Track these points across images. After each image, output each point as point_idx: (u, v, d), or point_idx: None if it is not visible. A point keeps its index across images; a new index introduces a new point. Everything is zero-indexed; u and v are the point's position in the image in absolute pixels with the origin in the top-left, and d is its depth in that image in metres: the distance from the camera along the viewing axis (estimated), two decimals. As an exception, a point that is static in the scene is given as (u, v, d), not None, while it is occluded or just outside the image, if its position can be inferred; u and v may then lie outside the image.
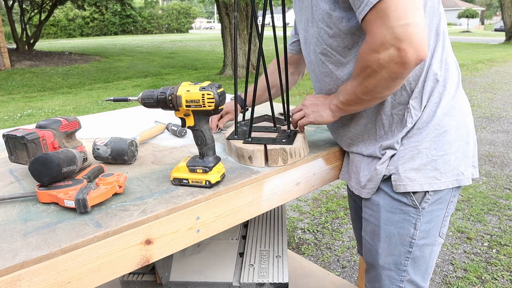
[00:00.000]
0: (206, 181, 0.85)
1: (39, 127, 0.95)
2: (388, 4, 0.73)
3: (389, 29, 0.74)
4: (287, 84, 1.09)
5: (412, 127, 0.92)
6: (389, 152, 0.95)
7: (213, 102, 0.82)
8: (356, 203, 1.22)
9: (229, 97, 1.90)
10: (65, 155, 0.83)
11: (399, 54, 0.74)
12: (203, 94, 0.82)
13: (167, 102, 0.85)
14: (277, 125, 1.15)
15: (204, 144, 0.87)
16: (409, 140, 0.93)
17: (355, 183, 1.05)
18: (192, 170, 0.86)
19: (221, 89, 0.84)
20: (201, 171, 0.86)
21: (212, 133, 0.88)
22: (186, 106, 0.84)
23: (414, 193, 0.93)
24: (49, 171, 0.79)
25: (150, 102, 0.86)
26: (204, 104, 0.82)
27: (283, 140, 1.01)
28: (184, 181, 0.87)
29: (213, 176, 0.85)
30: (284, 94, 1.10)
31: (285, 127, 1.11)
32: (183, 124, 0.87)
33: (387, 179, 0.96)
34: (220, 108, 0.84)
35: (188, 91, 0.83)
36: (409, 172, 0.93)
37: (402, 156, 0.93)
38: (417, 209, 0.94)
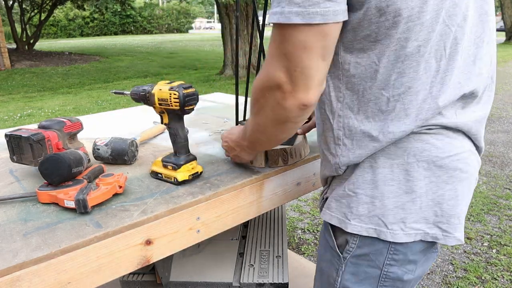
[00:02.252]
0: (174, 178, 0.87)
1: (42, 127, 0.95)
2: (281, 33, 0.63)
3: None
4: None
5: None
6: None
7: (178, 103, 0.83)
8: None
9: (228, 97, 1.90)
10: (74, 156, 0.84)
11: (278, 92, 0.66)
12: (170, 94, 0.84)
13: (146, 99, 0.88)
14: None
15: (175, 142, 0.89)
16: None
17: None
18: (165, 166, 0.90)
19: (190, 90, 0.84)
20: (171, 167, 0.88)
21: (185, 133, 0.90)
22: (159, 104, 0.86)
23: (336, 237, 0.81)
24: (60, 171, 0.80)
25: (135, 98, 0.90)
26: (171, 103, 0.84)
27: (283, 140, 1.01)
28: (159, 175, 0.90)
29: (181, 174, 0.87)
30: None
31: None
32: (161, 120, 0.91)
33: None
34: (186, 108, 0.84)
35: (160, 90, 0.85)
36: (330, 197, 0.81)
37: (335, 181, 0.82)
38: (340, 256, 0.81)
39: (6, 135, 0.91)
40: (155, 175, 0.91)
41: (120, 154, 0.99)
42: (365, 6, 0.63)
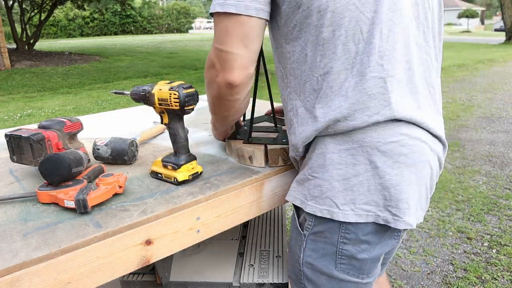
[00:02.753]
0: (174, 178, 0.87)
1: (42, 127, 0.95)
2: (216, 22, 0.78)
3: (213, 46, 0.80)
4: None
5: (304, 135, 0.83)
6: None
7: (178, 103, 0.83)
8: None
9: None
10: (74, 156, 0.84)
11: (212, 70, 0.81)
12: (170, 94, 0.84)
13: (146, 99, 0.88)
14: (277, 125, 1.15)
15: (176, 142, 0.89)
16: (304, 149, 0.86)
17: None
18: (165, 166, 0.90)
19: (190, 90, 0.85)
20: (171, 167, 0.88)
21: (185, 133, 0.91)
22: (159, 104, 0.86)
23: (298, 215, 0.89)
24: (60, 171, 0.80)
25: (135, 98, 0.91)
26: (171, 103, 0.84)
27: (284, 140, 1.01)
28: (159, 175, 0.90)
29: (181, 174, 0.87)
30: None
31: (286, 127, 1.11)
32: (161, 120, 0.91)
33: None
34: (186, 108, 0.85)
35: (160, 89, 0.86)
36: (295, 182, 0.88)
37: (301, 166, 0.89)
38: (301, 234, 0.87)
39: (6, 135, 0.91)
40: (155, 175, 0.91)
41: (120, 154, 0.99)
42: (286, 1, 0.76)
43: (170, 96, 0.83)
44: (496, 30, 35.14)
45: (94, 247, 0.67)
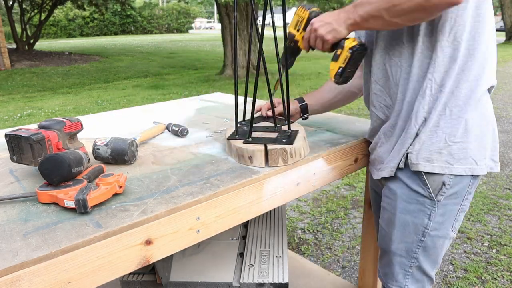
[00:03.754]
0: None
1: (42, 127, 0.94)
2: None
3: None
4: (287, 81, 1.09)
5: (434, 109, 0.95)
6: (411, 131, 0.98)
7: (305, 10, 1.05)
8: (377, 194, 1.25)
9: (228, 97, 1.90)
10: (74, 156, 0.84)
11: None
12: (297, 14, 1.03)
13: (290, 44, 1.08)
14: (277, 125, 1.15)
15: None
16: (429, 123, 0.96)
17: (377, 165, 1.10)
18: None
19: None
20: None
21: None
22: (297, 30, 1.06)
23: (431, 184, 0.98)
24: (60, 171, 0.80)
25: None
26: (302, 17, 1.05)
27: (284, 140, 1.01)
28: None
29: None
30: (284, 94, 1.10)
31: (286, 127, 1.11)
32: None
33: (405, 168, 1.00)
34: (313, 10, 1.03)
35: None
36: (425, 152, 0.96)
37: (421, 137, 0.97)
38: (433, 201, 0.99)
39: (6, 135, 0.91)
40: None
41: (120, 154, 0.99)
42: None
43: (298, 15, 1.04)
44: (496, 30, 35.04)
45: (94, 247, 0.67)
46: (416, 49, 0.95)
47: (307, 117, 1.31)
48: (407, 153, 0.98)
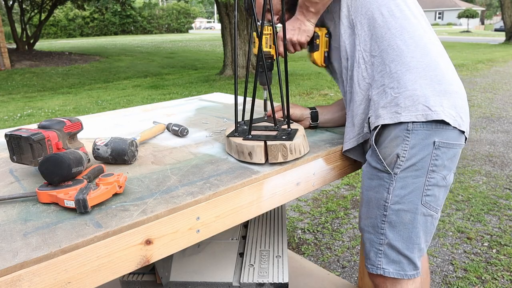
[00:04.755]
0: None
1: (42, 127, 0.94)
2: None
3: None
4: (287, 83, 1.09)
5: (374, 71, 1.03)
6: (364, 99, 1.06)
7: (268, 26, 1.09)
8: None
9: (228, 97, 1.90)
10: (74, 156, 0.84)
11: None
12: (263, 34, 1.06)
13: (266, 61, 1.08)
14: (277, 124, 1.15)
15: None
16: (377, 83, 1.02)
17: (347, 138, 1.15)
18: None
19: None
20: None
21: None
22: (269, 47, 1.09)
23: (385, 158, 1.00)
24: (60, 171, 0.80)
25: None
26: (269, 33, 1.10)
27: (283, 137, 1.01)
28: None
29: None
30: (284, 94, 1.10)
31: (285, 126, 1.11)
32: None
33: (370, 147, 1.05)
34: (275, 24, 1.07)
35: None
36: (378, 110, 1.01)
37: (375, 100, 1.02)
38: (390, 174, 1.00)
39: (6, 135, 0.91)
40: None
41: (120, 154, 0.99)
42: None
43: (264, 34, 1.04)
44: (496, 30, 35.12)
45: (94, 247, 0.67)
46: (341, 30, 1.08)
47: (316, 126, 1.30)
48: (368, 118, 1.04)
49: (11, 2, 15.09)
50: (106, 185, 0.79)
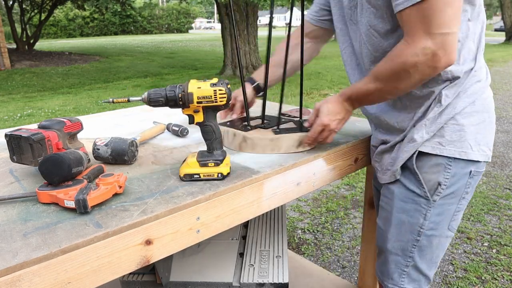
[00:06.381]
0: (218, 173, 0.88)
1: (42, 127, 0.94)
2: (433, 9, 0.78)
3: (430, 35, 0.80)
4: (301, 78, 1.10)
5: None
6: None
7: (225, 97, 0.86)
8: (379, 193, 1.26)
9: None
10: (74, 156, 0.84)
11: (434, 59, 0.81)
12: (215, 90, 0.86)
13: (177, 100, 0.87)
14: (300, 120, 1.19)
15: (214, 138, 0.91)
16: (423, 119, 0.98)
17: (380, 170, 1.12)
18: (204, 165, 0.89)
19: (229, 85, 0.89)
20: (213, 164, 0.89)
21: (219, 127, 0.92)
22: (197, 102, 0.87)
23: (427, 184, 0.98)
24: (60, 171, 0.80)
25: (158, 101, 0.88)
26: (216, 100, 0.86)
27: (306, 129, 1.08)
28: (195, 176, 0.89)
29: (224, 168, 0.89)
30: (282, 96, 1.10)
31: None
32: (191, 121, 0.90)
33: (404, 168, 1.02)
34: (229, 103, 0.89)
35: (199, 88, 0.86)
36: (419, 136, 0.98)
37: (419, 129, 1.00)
38: (429, 201, 0.99)
39: (6, 135, 0.91)
40: (189, 177, 0.89)
41: (120, 154, 0.99)
42: None
43: (215, 93, 0.86)
44: (496, 30, 35.09)
45: (94, 247, 0.67)
46: None
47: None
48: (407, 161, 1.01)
49: (11, 2, 15.08)
50: (106, 185, 0.79)
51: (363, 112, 1.15)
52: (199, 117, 0.90)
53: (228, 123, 1.16)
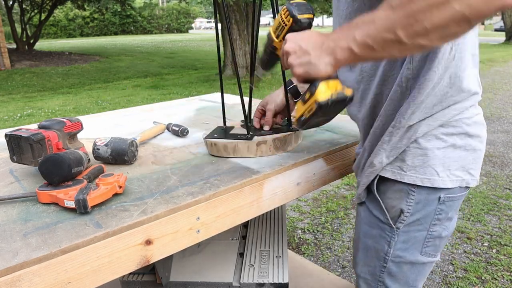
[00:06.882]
0: (315, 101, 0.76)
1: (42, 127, 0.94)
2: None
3: None
4: (284, 82, 1.09)
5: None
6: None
7: (289, 15, 0.82)
8: None
9: (228, 97, 1.90)
10: (74, 156, 0.84)
11: None
12: (280, 15, 0.84)
13: (268, 47, 0.90)
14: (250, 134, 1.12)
15: None
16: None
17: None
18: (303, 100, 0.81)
19: (298, 0, 0.84)
20: (308, 95, 0.79)
21: None
22: (277, 36, 0.87)
23: (389, 211, 0.91)
24: (60, 171, 0.80)
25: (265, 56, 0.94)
26: (284, 22, 0.83)
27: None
28: (302, 118, 0.83)
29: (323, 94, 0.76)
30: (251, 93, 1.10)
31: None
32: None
33: (369, 192, 0.95)
34: (301, 17, 0.80)
35: (271, 24, 0.89)
36: (378, 161, 0.89)
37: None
38: (392, 228, 0.91)
39: (6, 135, 0.91)
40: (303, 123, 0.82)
41: (120, 154, 0.99)
42: None
43: (281, 17, 0.83)
44: (496, 30, 35.10)
45: (94, 247, 0.67)
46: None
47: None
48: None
49: (11, 2, 15.08)
50: (106, 185, 0.79)
51: (348, 112, 1.05)
52: None
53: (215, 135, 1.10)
